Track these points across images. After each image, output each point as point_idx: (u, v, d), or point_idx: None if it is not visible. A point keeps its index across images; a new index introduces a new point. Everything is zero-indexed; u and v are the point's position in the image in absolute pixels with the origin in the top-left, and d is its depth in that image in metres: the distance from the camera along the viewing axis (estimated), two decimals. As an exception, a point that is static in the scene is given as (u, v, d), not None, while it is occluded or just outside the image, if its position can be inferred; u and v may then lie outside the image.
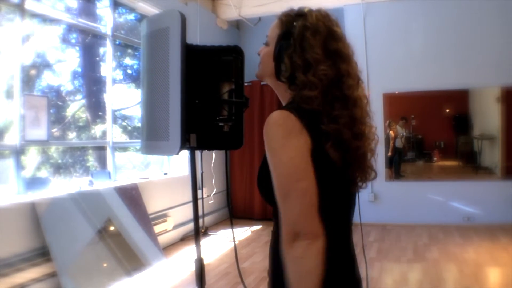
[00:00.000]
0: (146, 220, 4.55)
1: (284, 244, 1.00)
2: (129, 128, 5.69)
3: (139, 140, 4.98)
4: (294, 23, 1.12)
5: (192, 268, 1.53)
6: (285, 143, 1.01)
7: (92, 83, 5.02)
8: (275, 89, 1.25)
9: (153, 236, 4.53)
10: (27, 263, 3.25)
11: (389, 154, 6.29)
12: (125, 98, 5.55)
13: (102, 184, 4.38)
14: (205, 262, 1.52)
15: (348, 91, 1.10)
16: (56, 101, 4.49)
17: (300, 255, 0.97)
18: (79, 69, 4.90)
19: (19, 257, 3.24)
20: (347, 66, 1.11)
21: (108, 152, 4.82)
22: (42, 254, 3.40)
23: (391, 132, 6.29)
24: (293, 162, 1.00)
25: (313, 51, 1.08)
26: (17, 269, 3.16)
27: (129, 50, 5.58)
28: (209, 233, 5.69)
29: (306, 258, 0.97)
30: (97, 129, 4.96)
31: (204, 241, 5.25)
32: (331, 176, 1.06)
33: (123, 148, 5.36)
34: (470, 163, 6.17)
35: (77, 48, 4.84)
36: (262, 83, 6.69)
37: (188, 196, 5.42)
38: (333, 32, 1.12)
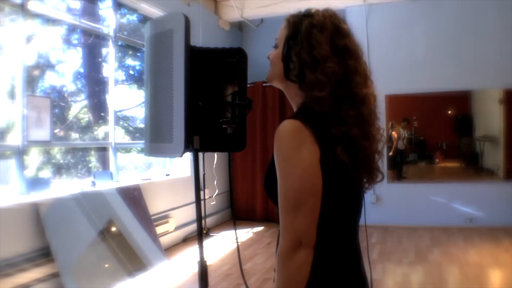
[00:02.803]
0: (148, 221, 4.56)
1: (286, 251, 1.02)
2: (131, 129, 5.69)
3: (141, 141, 4.92)
4: (302, 23, 1.13)
5: (194, 269, 1.53)
6: (297, 155, 1.02)
7: (94, 84, 5.03)
8: (285, 91, 1.24)
9: (155, 237, 4.53)
10: (29, 263, 3.26)
11: (390, 153, 6.28)
12: (127, 99, 5.55)
13: (104, 185, 4.39)
14: (207, 263, 1.52)
15: (356, 88, 1.10)
16: (58, 102, 4.50)
17: (302, 262, 1.02)
18: (82, 70, 4.91)
19: (21, 257, 3.24)
20: (355, 63, 1.12)
21: (110, 153, 4.83)
22: (44, 254, 3.41)
23: (394, 133, 6.29)
24: (306, 176, 1.02)
25: (320, 48, 1.09)
26: (20, 269, 3.16)
27: (131, 51, 5.59)
28: (211, 234, 5.69)
29: (305, 266, 1.02)
30: (99, 130, 4.97)
31: (206, 242, 5.24)
32: (339, 180, 1.07)
33: (125, 149, 5.37)
34: (472, 165, 6.15)
35: (80, 48, 4.85)
36: (264, 84, 6.69)
37: (190, 197, 5.42)
38: (340, 28, 1.13)
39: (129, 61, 5.76)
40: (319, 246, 1.04)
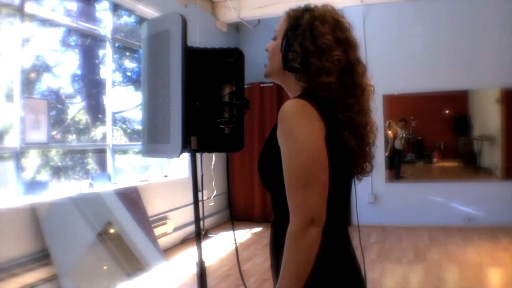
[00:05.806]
0: (146, 223, 4.55)
1: (298, 230, 1.01)
2: (129, 130, 5.68)
3: (139, 143, 4.89)
4: (302, 16, 1.16)
5: (192, 270, 1.53)
6: (305, 130, 1.03)
7: (91, 86, 5.02)
8: (284, 83, 1.25)
9: (153, 239, 4.53)
10: (27, 266, 3.24)
11: (386, 154, 6.28)
12: (124, 101, 5.54)
13: (102, 187, 4.38)
14: (206, 264, 1.52)
15: (358, 78, 1.14)
16: (56, 104, 4.49)
17: (313, 240, 1.01)
18: (79, 72, 4.89)
19: (19, 260, 3.23)
20: (356, 54, 1.16)
21: (108, 154, 4.82)
22: (43, 257, 3.39)
23: (389, 132, 6.29)
24: (315, 152, 1.03)
25: (324, 38, 1.11)
26: (17, 272, 3.15)
27: (129, 53, 5.58)
28: (209, 235, 5.68)
29: (316, 245, 1.02)
30: (97, 132, 4.96)
31: (204, 244, 5.24)
32: (340, 164, 1.09)
33: (123, 150, 5.36)
34: (470, 164, 6.17)
35: (77, 50, 4.84)
36: (261, 85, 6.69)
37: (188, 199, 5.41)
38: (340, 22, 1.17)
39: (127, 63, 5.75)
40: (326, 225, 1.04)
